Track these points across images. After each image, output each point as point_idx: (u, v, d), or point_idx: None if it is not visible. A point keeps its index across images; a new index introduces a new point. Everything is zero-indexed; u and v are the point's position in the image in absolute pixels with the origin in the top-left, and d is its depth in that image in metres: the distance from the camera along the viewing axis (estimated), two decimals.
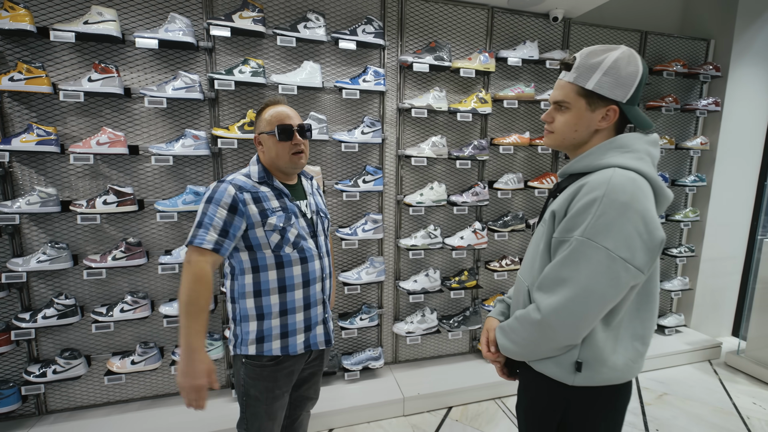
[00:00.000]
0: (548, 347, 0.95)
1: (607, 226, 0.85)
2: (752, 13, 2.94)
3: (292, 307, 1.30)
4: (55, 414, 2.13)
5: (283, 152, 1.28)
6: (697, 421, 2.34)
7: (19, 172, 1.94)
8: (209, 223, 1.18)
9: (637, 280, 0.88)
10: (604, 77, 0.93)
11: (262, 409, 1.32)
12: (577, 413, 0.98)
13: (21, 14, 1.72)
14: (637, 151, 0.94)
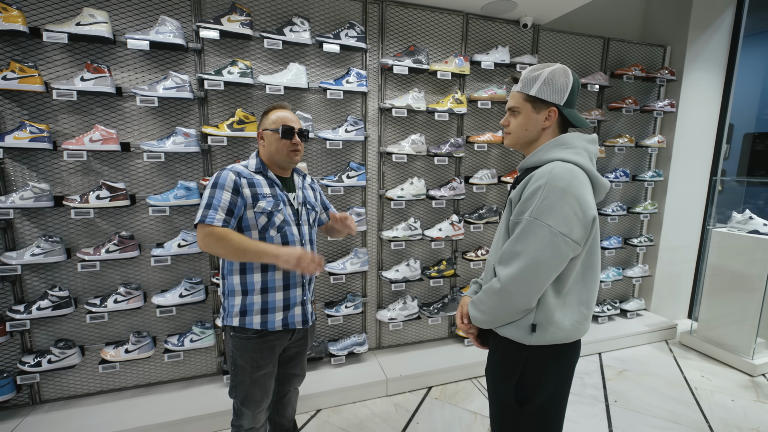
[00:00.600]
0: (508, 312, 1.12)
1: (550, 207, 1.03)
2: (703, 23, 3.22)
3: (272, 285, 1.44)
4: (49, 403, 2.19)
5: (282, 149, 1.44)
6: (651, 392, 2.60)
7: (11, 168, 1.99)
8: (217, 204, 1.34)
9: (576, 252, 1.06)
10: (543, 86, 1.13)
11: (248, 377, 1.46)
12: (533, 370, 1.16)
13: (14, 15, 1.78)
14: (576, 147, 1.12)
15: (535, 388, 1.16)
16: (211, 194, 1.35)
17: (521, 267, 1.06)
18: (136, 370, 2.31)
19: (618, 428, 2.24)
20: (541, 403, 1.17)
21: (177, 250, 2.15)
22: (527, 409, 1.17)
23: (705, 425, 2.29)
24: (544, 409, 1.17)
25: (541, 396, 1.16)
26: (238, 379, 1.47)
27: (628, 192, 3.45)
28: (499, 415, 1.25)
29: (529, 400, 1.16)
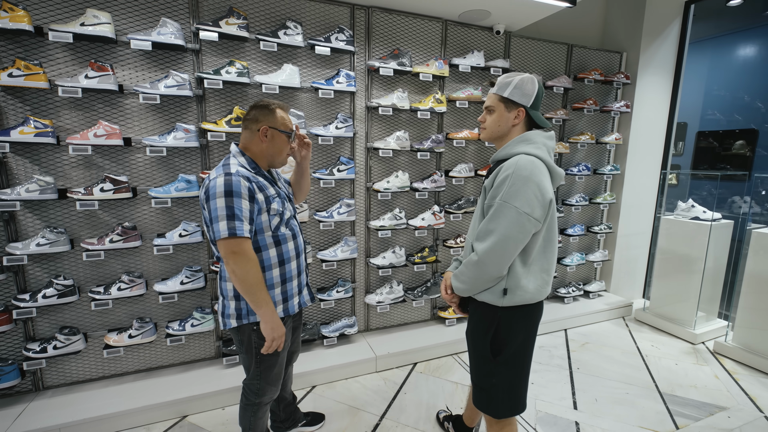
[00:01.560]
0: (484, 280, 1.36)
1: (516, 192, 1.27)
2: (654, 32, 3.60)
3: (289, 276, 1.58)
4: (53, 389, 2.28)
5: (285, 150, 1.55)
6: (608, 360, 2.95)
7: (13, 162, 2.06)
8: (240, 215, 1.34)
9: (537, 228, 1.32)
10: (515, 90, 1.38)
11: (275, 360, 1.59)
12: (505, 326, 1.41)
13: (20, 15, 1.86)
14: (537, 143, 1.37)
15: (506, 342, 1.41)
16: (230, 204, 1.32)
17: (494, 241, 1.30)
18: (138, 355, 2.42)
19: (580, 390, 2.56)
20: (512, 353, 1.42)
21: (178, 240, 2.28)
22: (500, 359, 1.42)
23: (652, 385, 2.64)
24: (513, 358, 1.43)
25: (511, 347, 1.41)
26: (264, 366, 1.57)
27: (590, 184, 3.81)
28: (478, 366, 1.49)
29: (502, 352, 1.41)
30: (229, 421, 2.20)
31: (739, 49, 4.57)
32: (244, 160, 1.47)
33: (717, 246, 3.25)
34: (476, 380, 1.51)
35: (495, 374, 1.44)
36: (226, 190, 1.34)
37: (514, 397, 1.46)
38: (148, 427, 2.15)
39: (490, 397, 1.47)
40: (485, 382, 1.47)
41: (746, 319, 2.94)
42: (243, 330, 1.54)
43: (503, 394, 1.45)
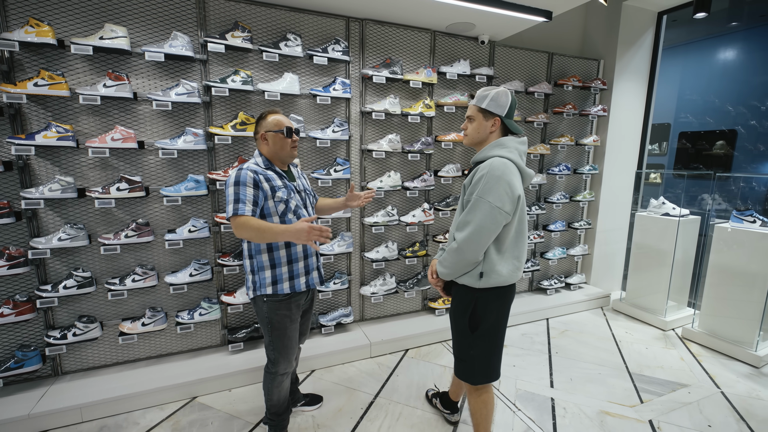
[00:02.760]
0: (463, 264, 1.58)
1: (490, 189, 1.50)
2: (629, 41, 3.86)
3: (295, 257, 1.82)
4: (71, 374, 2.46)
5: (285, 145, 1.79)
6: (585, 345, 3.19)
7: (36, 164, 2.24)
8: (244, 198, 1.63)
9: (507, 220, 1.54)
10: (491, 101, 1.60)
11: (284, 332, 1.82)
12: (481, 306, 1.64)
13: (45, 30, 2.04)
14: (510, 148, 1.60)
15: (481, 319, 1.64)
16: (237, 191, 1.63)
17: (471, 231, 1.52)
18: (150, 342, 2.61)
19: (557, 371, 2.80)
20: (487, 328, 1.65)
21: (187, 235, 2.47)
22: (477, 333, 1.65)
23: (623, 366, 2.89)
24: (488, 333, 1.66)
25: (486, 323, 1.64)
26: (275, 334, 1.81)
27: (571, 183, 4.06)
28: (458, 340, 1.71)
29: (478, 327, 1.64)
30: (235, 401, 2.40)
31: (718, 54, 4.84)
32: (260, 160, 1.79)
33: (685, 240, 3.52)
34: (457, 353, 1.73)
35: (473, 347, 1.67)
36: (235, 181, 1.66)
37: (489, 366, 1.69)
38: (162, 407, 2.34)
39: (469, 367, 1.70)
40: (464, 354, 1.69)
41: (710, 307, 3.20)
42: (257, 301, 1.82)
43: (480, 364, 1.68)
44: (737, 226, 3.04)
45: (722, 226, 3.10)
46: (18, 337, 2.33)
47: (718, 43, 4.92)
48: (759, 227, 2.94)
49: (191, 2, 2.41)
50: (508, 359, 2.92)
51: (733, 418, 2.32)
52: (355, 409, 2.34)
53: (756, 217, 2.98)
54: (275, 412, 1.94)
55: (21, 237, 2.25)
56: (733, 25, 4.68)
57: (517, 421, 2.26)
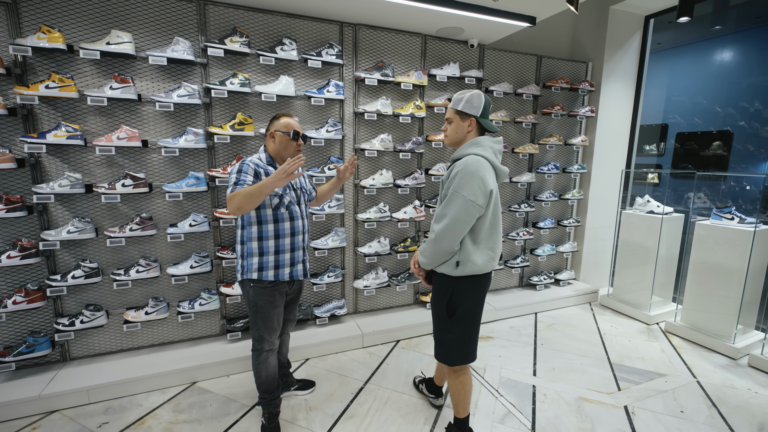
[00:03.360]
0: (441, 254, 1.71)
1: (464, 184, 1.63)
2: (616, 43, 3.97)
3: (282, 249, 1.95)
4: (78, 360, 2.60)
5: (290, 147, 1.94)
6: (570, 338, 3.31)
7: (46, 161, 2.39)
8: (243, 182, 1.77)
9: (480, 212, 1.67)
10: (466, 104, 1.74)
11: (267, 315, 1.97)
12: (457, 293, 1.77)
13: (56, 36, 2.19)
14: (485, 146, 1.73)
15: (458, 305, 1.77)
16: (238, 177, 1.79)
17: (447, 222, 1.66)
18: (153, 331, 2.75)
19: (540, 361, 2.92)
20: (462, 314, 1.78)
21: (188, 229, 2.61)
22: (453, 318, 1.78)
23: (605, 357, 3.01)
24: (464, 318, 1.79)
25: (462, 309, 1.77)
26: (259, 316, 1.96)
27: (560, 182, 4.18)
28: (437, 325, 1.85)
29: (455, 313, 1.77)
30: (232, 385, 2.54)
31: (716, 55, 4.90)
32: (263, 156, 1.95)
33: (669, 237, 3.63)
34: (436, 337, 1.87)
35: (450, 331, 1.80)
36: (238, 169, 1.83)
37: (465, 349, 1.82)
38: (164, 391, 2.48)
39: (447, 350, 1.83)
40: (443, 337, 1.83)
41: (692, 302, 3.31)
42: (244, 284, 1.97)
43: (457, 346, 1.81)
44: (717, 223, 3.16)
45: (703, 223, 3.22)
46: (29, 323, 2.48)
47: (716, 44, 4.98)
48: (737, 224, 3.06)
49: (192, 9, 2.55)
50: (495, 350, 3.05)
51: (705, 405, 2.44)
52: (346, 394, 2.48)
53: (734, 214, 3.09)
54: (265, 390, 2.06)
55: (32, 230, 2.40)
56: (729, 27, 4.76)
57: (498, 406, 2.38)
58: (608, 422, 2.26)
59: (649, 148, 6.60)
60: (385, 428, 2.17)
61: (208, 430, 2.14)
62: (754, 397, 2.53)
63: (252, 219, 1.91)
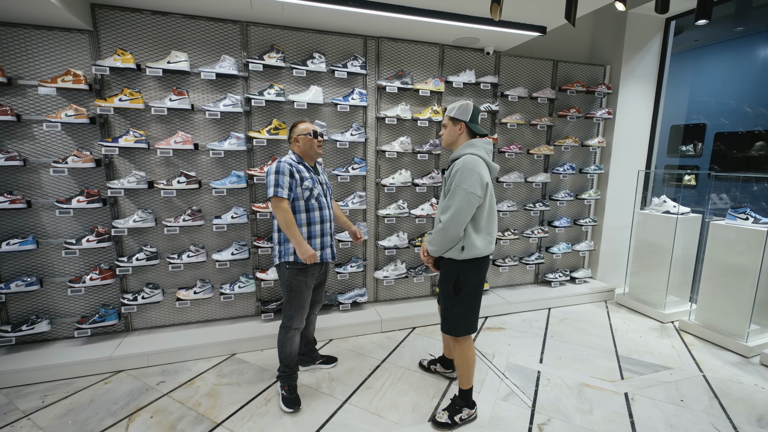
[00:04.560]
0: (448, 240, 1.99)
1: (465, 178, 1.90)
2: (635, 46, 4.04)
3: (314, 234, 2.28)
4: (138, 330, 3.06)
5: (313, 145, 2.26)
6: (580, 332, 3.45)
7: (117, 161, 2.85)
8: (282, 184, 2.11)
9: (479, 202, 1.94)
10: (457, 111, 2.04)
11: (300, 294, 2.28)
12: (463, 273, 2.04)
13: (128, 58, 2.63)
14: (478, 147, 2.00)
15: (463, 284, 2.05)
16: (277, 178, 2.11)
17: (452, 212, 1.93)
18: (199, 309, 3.17)
19: (548, 351, 3.09)
20: (467, 292, 2.06)
21: (230, 221, 3.01)
22: (459, 296, 2.06)
23: (613, 350, 3.13)
24: (468, 295, 2.07)
25: (466, 288, 2.05)
26: (293, 295, 2.27)
27: (577, 182, 4.28)
28: (445, 302, 2.14)
29: (461, 291, 2.05)
30: (266, 358, 2.90)
31: (758, 52, 4.76)
32: (293, 156, 2.28)
33: (685, 237, 3.67)
34: (444, 313, 2.15)
35: (456, 307, 2.08)
36: (276, 170, 2.15)
37: (469, 321, 2.11)
38: (208, 359, 2.88)
39: (453, 323, 2.12)
40: (450, 313, 2.12)
41: (706, 300, 3.36)
42: (280, 267, 2.28)
43: (461, 319, 2.10)
44: (731, 223, 3.19)
45: (718, 224, 3.26)
46: (101, 297, 2.95)
47: (758, 40, 4.84)
48: (751, 224, 3.09)
49: (236, 30, 2.94)
50: (505, 339, 3.25)
51: (707, 396, 2.54)
52: (364, 370, 2.77)
53: (749, 214, 3.12)
54: (287, 364, 2.36)
55: (105, 218, 2.87)
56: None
57: (503, 386, 2.60)
58: (606, 405, 2.42)
59: (685, 149, 6.45)
60: (398, 398, 2.45)
61: (247, 391, 2.51)
62: (760, 392, 2.59)
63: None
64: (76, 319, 2.86)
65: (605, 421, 2.27)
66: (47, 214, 2.76)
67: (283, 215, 2.12)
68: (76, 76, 2.57)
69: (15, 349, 2.73)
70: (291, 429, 2.17)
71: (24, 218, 2.72)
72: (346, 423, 2.22)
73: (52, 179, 2.73)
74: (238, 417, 2.26)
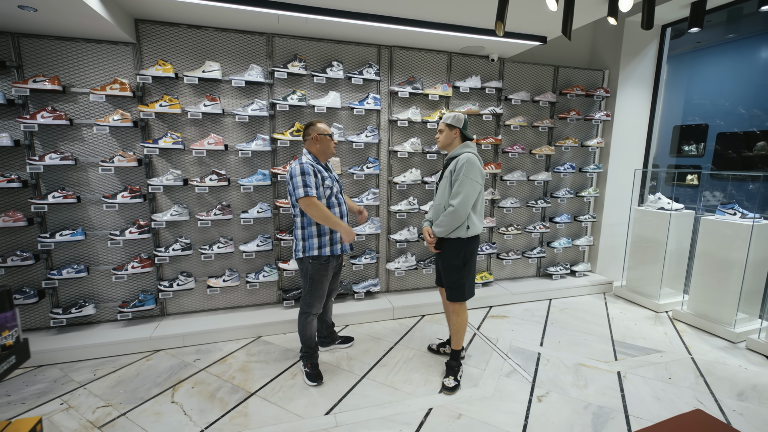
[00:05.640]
0: (456, 221, 2.32)
1: (469, 170, 2.26)
2: (632, 52, 4.28)
3: (334, 230, 2.54)
4: (173, 315, 3.36)
5: (330, 145, 2.51)
6: (579, 320, 3.69)
7: (156, 161, 3.15)
8: (311, 184, 2.32)
9: (480, 189, 2.31)
10: (453, 119, 2.40)
11: (320, 285, 2.53)
12: (468, 249, 2.41)
13: (168, 68, 2.93)
14: (472, 147, 2.38)
15: (469, 257, 2.43)
16: (305, 179, 2.31)
17: (462, 197, 2.29)
18: (227, 296, 3.46)
19: (548, 336, 3.34)
20: (469, 263, 2.45)
21: (256, 215, 3.29)
22: (465, 268, 2.44)
23: (609, 335, 3.38)
24: (469, 266, 2.47)
25: (469, 260, 2.44)
26: (315, 286, 2.51)
27: (577, 180, 4.52)
28: (453, 275, 2.49)
29: (467, 263, 2.43)
30: (289, 341, 3.18)
31: (760, 53, 4.94)
32: (310, 157, 2.48)
33: (679, 232, 3.90)
34: (452, 285, 2.50)
35: (462, 277, 2.47)
36: (301, 171, 2.35)
37: (470, 287, 2.53)
38: (237, 341, 3.17)
39: (459, 291, 2.50)
40: (458, 283, 2.49)
41: (697, 290, 3.59)
42: (303, 261, 2.52)
43: (466, 287, 2.50)
44: (720, 218, 3.42)
45: (709, 218, 3.49)
46: (140, 284, 3.25)
47: (759, 42, 5.03)
48: (738, 219, 3.32)
49: (263, 41, 3.23)
50: (508, 326, 3.50)
51: (693, 375, 2.78)
52: (379, 350, 3.05)
53: (737, 209, 3.35)
54: (308, 345, 2.63)
55: (145, 212, 3.17)
56: None
57: (506, 366, 2.85)
58: (600, 382, 2.67)
59: (688, 149, 6.65)
60: (411, 375, 2.72)
61: (274, 367, 2.79)
62: (743, 372, 2.83)
63: None
64: (118, 304, 3.16)
65: (598, 394, 2.52)
66: (94, 208, 3.06)
67: (318, 211, 2.33)
68: (122, 84, 2.87)
69: (65, 330, 3.04)
70: (317, 398, 2.45)
71: (74, 212, 3.03)
72: (365, 394, 2.49)
73: (99, 177, 3.04)
74: (269, 388, 2.55)
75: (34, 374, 2.69)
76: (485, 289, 4.09)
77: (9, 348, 1.48)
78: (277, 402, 2.40)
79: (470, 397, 2.45)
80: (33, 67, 2.80)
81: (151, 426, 2.19)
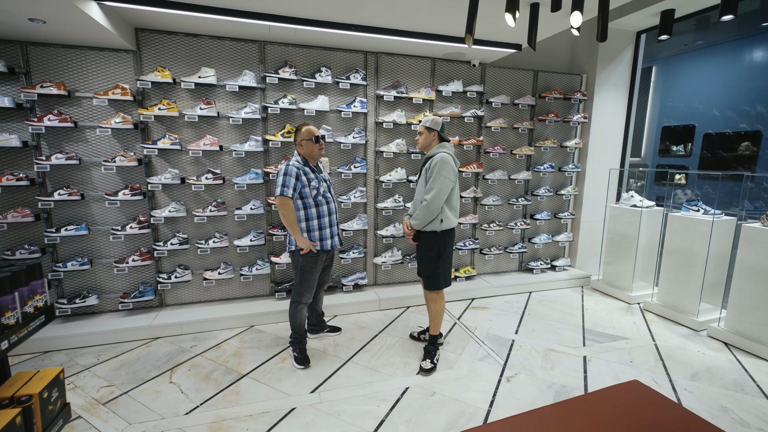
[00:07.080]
0: (430, 214, 2.54)
1: (442, 168, 2.47)
2: (608, 57, 4.50)
3: (323, 226, 2.73)
4: (170, 306, 3.56)
5: (315, 148, 2.70)
6: (555, 310, 3.92)
7: (155, 161, 3.35)
8: (289, 185, 2.54)
9: (452, 185, 2.51)
10: (432, 123, 2.62)
11: (310, 276, 2.74)
12: (442, 242, 2.61)
13: (166, 73, 3.14)
14: (448, 147, 2.59)
15: (443, 248, 2.63)
16: (285, 179, 2.50)
17: (434, 192, 2.49)
18: (222, 288, 3.67)
19: (524, 325, 3.56)
20: (445, 255, 2.65)
21: (249, 212, 3.50)
22: (440, 259, 2.64)
23: (580, 324, 3.60)
24: (445, 258, 2.68)
25: (444, 252, 2.64)
26: (305, 277, 2.73)
27: (557, 179, 4.75)
28: (428, 266, 2.69)
29: (441, 255, 2.63)
30: (280, 330, 3.39)
31: (745, 56, 5.14)
32: (299, 159, 2.70)
33: (649, 228, 4.13)
34: (428, 274, 2.71)
35: (438, 267, 2.68)
36: (285, 171, 2.57)
37: (446, 277, 2.73)
38: (231, 330, 3.38)
39: (435, 281, 2.70)
40: (433, 273, 2.69)
41: (665, 283, 3.82)
42: (294, 253, 2.74)
43: (441, 277, 2.70)
44: (685, 214, 3.65)
45: (675, 215, 3.72)
46: (140, 276, 3.46)
47: (747, 44, 5.24)
48: (701, 215, 3.55)
49: (255, 48, 3.44)
50: (487, 316, 3.72)
51: (654, 359, 3.00)
52: (364, 338, 3.26)
53: (700, 206, 3.58)
54: (297, 331, 2.85)
55: (144, 209, 3.37)
56: (764, 26, 5.02)
57: (481, 351, 3.07)
58: (566, 365, 2.89)
59: (676, 149, 6.89)
60: (392, 358, 2.93)
61: (265, 353, 3.00)
62: (700, 356, 3.06)
63: (300, 206, 2.67)
64: (119, 295, 3.37)
65: (563, 375, 2.75)
66: (97, 205, 3.27)
67: (287, 212, 2.55)
68: (123, 89, 3.08)
69: (70, 319, 3.24)
70: (304, 378, 2.66)
71: (78, 208, 3.23)
72: (348, 375, 2.71)
73: (102, 175, 3.24)
74: (260, 370, 2.76)
75: (42, 359, 2.90)
76: (468, 283, 4.31)
77: (40, 309, 1.85)
78: (266, 382, 2.61)
79: (445, 378, 2.67)
80: (40, 73, 3.00)
81: (151, 403, 2.40)
